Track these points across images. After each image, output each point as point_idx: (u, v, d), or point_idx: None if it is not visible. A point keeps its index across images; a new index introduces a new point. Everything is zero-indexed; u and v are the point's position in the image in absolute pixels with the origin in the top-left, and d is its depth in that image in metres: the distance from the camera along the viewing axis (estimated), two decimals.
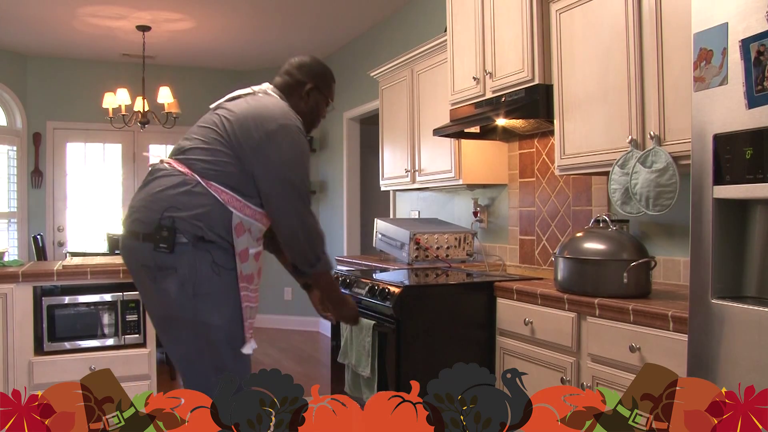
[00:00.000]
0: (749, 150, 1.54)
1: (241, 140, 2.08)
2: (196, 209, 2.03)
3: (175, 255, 2.01)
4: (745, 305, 1.57)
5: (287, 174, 2.08)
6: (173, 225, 2.01)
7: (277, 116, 2.12)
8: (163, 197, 2.07)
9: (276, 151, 2.08)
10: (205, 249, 2.02)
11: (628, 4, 2.41)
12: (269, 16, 5.42)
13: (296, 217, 2.11)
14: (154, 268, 2.03)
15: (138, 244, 2.06)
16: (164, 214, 2.03)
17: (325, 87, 2.34)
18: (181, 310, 2.03)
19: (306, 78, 2.30)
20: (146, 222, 2.05)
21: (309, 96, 2.29)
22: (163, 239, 2.01)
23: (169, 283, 2.02)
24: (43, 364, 2.94)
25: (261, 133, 2.08)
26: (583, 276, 2.34)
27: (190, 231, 2.02)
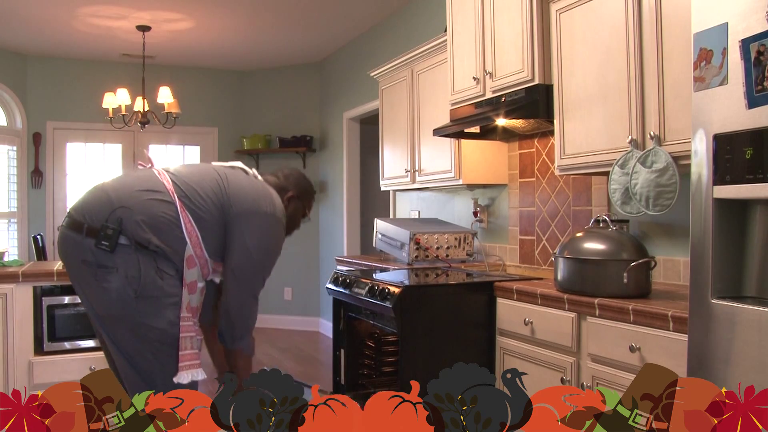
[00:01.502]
0: (749, 150, 1.54)
1: (233, 202, 2.13)
2: (154, 217, 2.03)
3: (116, 255, 1.99)
4: (745, 305, 1.57)
5: (260, 257, 2.17)
6: (120, 225, 1.99)
7: (273, 204, 2.22)
8: (123, 193, 2.06)
9: (260, 229, 2.15)
10: (149, 254, 2.01)
11: (628, 4, 2.42)
12: (269, 16, 5.42)
13: (246, 297, 2.18)
14: (94, 264, 2.00)
15: (79, 237, 2.02)
16: (116, 211, 2.01)
17: (305, 199, 2.46)
18: (122, 309, 2.00)
19: (290, 186, 2.41)
20: (97, 214, 2.02)
21: (289, 202, 2.39)
22: (106, 237, 1.98)
23: (111, 282, 1.99)
24: (43, 364, 2.94)
25: (254, 206, 2.15)
26: (583, 276, 2.34)
27: (136, 236, 2.00)
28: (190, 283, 2.08)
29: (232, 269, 2.15)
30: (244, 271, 2.16)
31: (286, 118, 7.12)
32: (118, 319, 2.02)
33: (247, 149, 7.05)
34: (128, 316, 2.01)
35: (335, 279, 3.27)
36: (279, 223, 2.22)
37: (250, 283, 2.18)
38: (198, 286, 2.12)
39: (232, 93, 7.30)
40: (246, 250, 2.14)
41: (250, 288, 2.19)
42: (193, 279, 2.09)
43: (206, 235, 2.11)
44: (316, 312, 6.96)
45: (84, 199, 2.10)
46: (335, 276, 3.29)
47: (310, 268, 6.98)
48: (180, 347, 2.05)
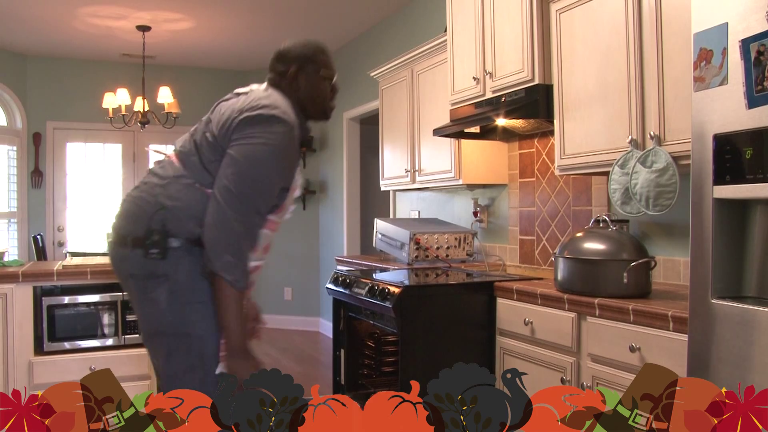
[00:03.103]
0: (749, 150, 1.54)
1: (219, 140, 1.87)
2: (190, 205, 1.84)
3: (167, 261, 1.81)
4: (745, 305, 1.57)
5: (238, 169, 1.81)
6: (164, 227, 1.82)
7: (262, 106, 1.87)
8: (156, 195, 1.87)
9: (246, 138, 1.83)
10: (196, 253, 1.82)
11: (628, 4, 2.41)
12: (269, 16, 5.42)
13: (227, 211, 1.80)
14: (144, 277, 1.83)
15: (127, 251, 1.85)
16: (155, 215, 1.84)
17: (312, 62, 2.02)
18: (170, 321, 1.83)
19: (287, 65, 2.01)
20: (137, 224, 1.85)
21: (297, 80, 2.00)
22: (153, 244, 1.81)
23: (159, 293, 1.82)
24: (43, 364, 2.94)
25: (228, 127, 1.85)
26: (583, 276, 2.34)
27: (184, 231, 1.82)
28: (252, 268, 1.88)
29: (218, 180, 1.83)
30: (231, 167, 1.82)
31: None
32: (167, 335, 1.84)
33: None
34: (181, 328, 1.82)
35: (335, 279, 3.27)
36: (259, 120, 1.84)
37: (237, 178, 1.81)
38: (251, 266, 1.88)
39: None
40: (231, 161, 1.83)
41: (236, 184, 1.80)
42: None
43: None
44: (316, 312, 6.96)
45: (121, 212, 1.94)
46: (335, 276, 3.29)
47: (310, 268, 6.98)
48: None
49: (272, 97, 1.92)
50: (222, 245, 1.79)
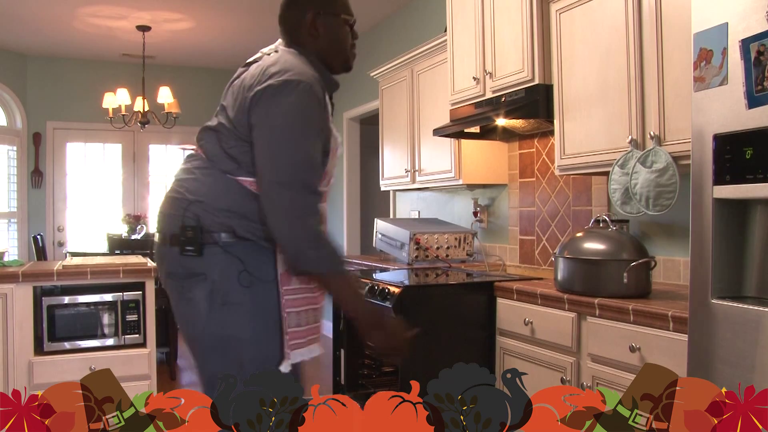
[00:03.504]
0: (749, 150, 1.54)
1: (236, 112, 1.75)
2: (223, 201, 1.72)
3: (204, 258, 1.70)
4: (745, 305, 1.57)
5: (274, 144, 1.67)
6: (198, 222, 1.70)
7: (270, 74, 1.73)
8: (187, 189, 1.77)
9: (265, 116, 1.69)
10: (236, 252, 1.70)
11: (628, 4, 2.41)
12: (269, 16, 5.41)
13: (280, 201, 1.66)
14: (182, 276, 1.74)
15: (165, 249, 1.76)
16: (188, 209, 1.73)
17: (329, 5, 1.85)
18: (206, 323, 1.72)
19: (303, 11, 1.84)
20: (172, 221, 1.75)
21: (316, 27, 1.83)
22: (188, 240, 1.70)
23: (196, 293, 1.71)
24: (43, 364, 2.94)
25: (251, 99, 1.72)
26: (583, 276, 2.34)
27: (219, 226, 1.70)
28: None
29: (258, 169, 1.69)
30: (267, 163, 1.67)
31: None
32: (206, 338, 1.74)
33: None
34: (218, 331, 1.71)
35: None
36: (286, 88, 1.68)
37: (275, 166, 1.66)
38: None
39: None
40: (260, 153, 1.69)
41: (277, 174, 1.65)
42: None
43: None
44: None
45: (159, 211, 1.85)
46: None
47: None
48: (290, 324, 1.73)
49: (281, 61, 1.76)
50: (296, 244, 1.66)
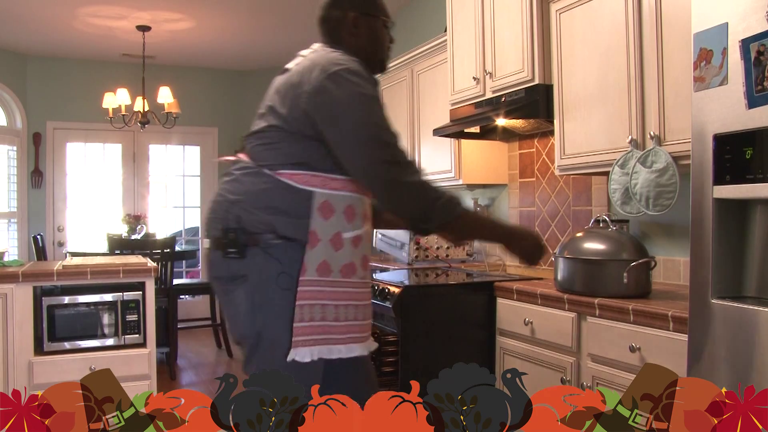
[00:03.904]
0: (749, 150, 1.54)
1: (293, 114, 1.75)
2: (263, 200, 1.74)
3: (245, 260, 1.73)
4: (745, 305, 1.57)
5: (349, 125, 1.69)
6: (240, 224, 1.73)
7: (321, 69, 1.75)
8: (228, 192, 1.80)
9: (322, 110, 1.71)
10: (276, 253, 1.72)
11: (628, 4, 2.41)
12: (269, 16, 5.42)
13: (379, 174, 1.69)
14: (226, 278, 1.77)
15: (212, 253, 1.80)
16: (229, 211, 1.76)
17: (370, 7, 1.91)
18: (247, 324, 1.74)
19: (344, 11, 1.90)
20: (215, 225, 1.79)
21: (358, 27, 1.89)
22: (230, 242, 1.72)
23: (238, 294, 1.74)
24: (43, 364, 2.94)
25: (305, 99, 1.73)
26: (583, 276, 2.34)
27: (260, 226, 1.73)
28: (333, 238, 1.73)
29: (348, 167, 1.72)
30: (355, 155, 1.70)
31: None
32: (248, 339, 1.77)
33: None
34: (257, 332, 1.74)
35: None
36: (339, 77, 1.72)
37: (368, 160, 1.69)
38: (344, 237, 1.74)
39: (232, 93, 7.30)
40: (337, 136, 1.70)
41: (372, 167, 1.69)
42: (335, 231, 1.73)
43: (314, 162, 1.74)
44: None
45: (205, 218, 1.90)
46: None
47: None
48: (294, 318, 1.71)
49: (328, 56, 1.80)
50: (423, 205, 1.70)
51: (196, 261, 7.26)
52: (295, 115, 1.75)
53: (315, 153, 1.74)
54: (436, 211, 1.71)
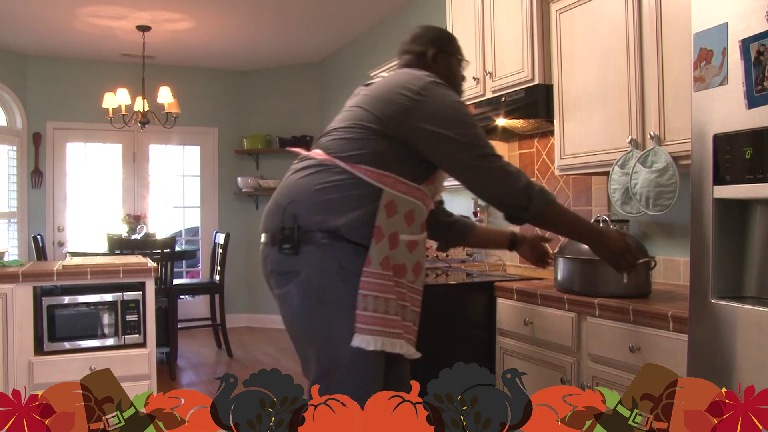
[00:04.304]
0: (749, 150, 1.54)
1: (387, 111, 1.84)
2: (324, 199, 1.80)
3: (300, 257, 1.78)
4: (745, 305, 1.57)
5: (450, 125, 1.82)
6: (296, 221, 1.79)
7: (416, 78, 1.89)
8: (288, 188, 1.87)
9: (425, 110, 1.83)
10: (333, 250, 1.78)
11: (628, 4, 2.41)
12: (269, 16, 5.42)
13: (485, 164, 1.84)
14: (280, 274, 1.83)
15: (267, 248, 1.87)
16: (287, 208, 1.82)
17: (448, 46, 2.09)
18: (305, 320, 1.80)
19: (425, 46, 2.05)
20: (272, 222, 1.86)
21: (437, 62, 2.04)
22: (285, 239, 1.79)
23: (292, 289, 1.80)
24: (43, 364, 2.94)
25: (405, 98, 1.84)
26: (583, 276, 2.34)
27: (317, 225, 1.78)
28: (391, 234, 1.79)
29: (446, 166, 1.89)
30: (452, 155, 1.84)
31: (286, 118, 7.12)
32: (303, 334, 1.85)
33: (247, 149, 7.05)
34: (313, 328, 1.80)
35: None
36: (436, 87, 1.88)
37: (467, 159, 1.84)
38: (401, 239, 1.82)
39: (232, 93, 7.30)
40: (435, 134, 1.82)
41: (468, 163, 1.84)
42: (393, 230, 1.80)
43: (391, 165, 1.82)
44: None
45: (264, 211, 1.95)
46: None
47: None
48: (358, 306, 1.76)
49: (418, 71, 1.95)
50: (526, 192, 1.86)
51: (196, 261, 7.26)
52: (389, 113, 1.84)
53: (393, 154, 1.84)
54: (535, 196, 1.86)
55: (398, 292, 1.82)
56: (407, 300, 1.86)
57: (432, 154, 1.86)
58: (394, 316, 1.80)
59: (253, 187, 6.94)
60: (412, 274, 1.87)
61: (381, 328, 1.77)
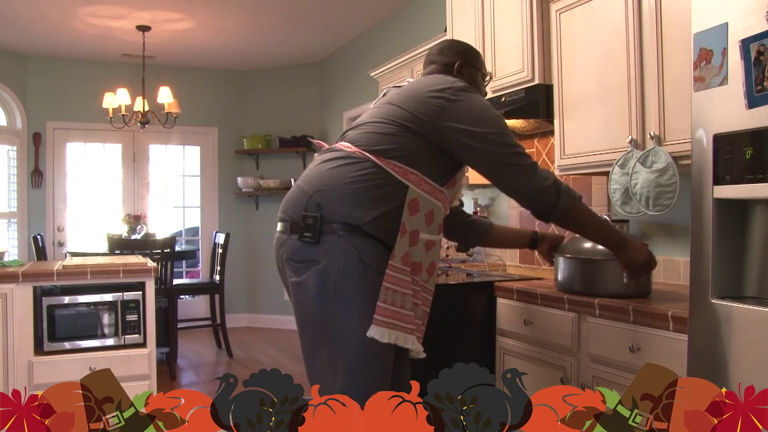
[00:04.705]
0: (749, 150, 1.54)
1: (421, 110, 1.88)
2: (349, 190, 1.81)
3: (320, 246, 1.79)
4: (745, 305, 1.57)
5: (481, 127, 1.87)
6: (320, 211, 1.80)
7: (450, 81, 1.97)
8: (314, 177, 1.88)
9: (460, 110, 1.88)
10: (353, 242, 1.79)
11: (628, 4, 2.41)
12: (269, 16, 5.42)
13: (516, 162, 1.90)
14: (297, 262, 1.84)
15: (285, 236, 1.88)
16: (311, 197, 1.83)
17: (474, 60, 2.17)
18: (320, 309, 1.81)
19: (453, 58, 2.13)
20: (294, 209, 1.87)
21: (461, 73, 2.11)
22: (307, 227, 1.80)
23: (309, 277, 1.80)
24: (43, 364, 2.94)
25: (440, 98, 1.89)
26: (583, 276, 2.34)
27: (340, 216, 1.80)
28: (412, 232, 1.83)
29: (477, 164, 1.93)
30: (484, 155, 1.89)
31: (286, 118, 7.12)
32: (315, 324, 1.83)
33: (247, 149, 7.05)
34: (326, 318, 1.80)
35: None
36: (466, 90, 1.94)
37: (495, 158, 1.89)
38: (420, 237, 1.85)
39: (232, 93, 7.30)
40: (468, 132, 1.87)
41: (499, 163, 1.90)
42: (415, 228, 1.84)
43: (419, 163, 1.86)
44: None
45: (285, 198, 1.96)
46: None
47: None
48: (379, 297, 1.78)
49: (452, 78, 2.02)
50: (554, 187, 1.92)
51: (196, 261, 7.26)
52: (423, 111, 1.88)
53: (422, 152, 1.88)
54: (562, 194, 1.93)
55: (413, 289, 1.85)
56: (420, 298, 1.89)
57: (462, 152, 1.91)
58: (409, 311, 1.83)
59: (253, 187, 6.94)
60: (427, 273, 1.91)
61: (396, 321, 1.80)
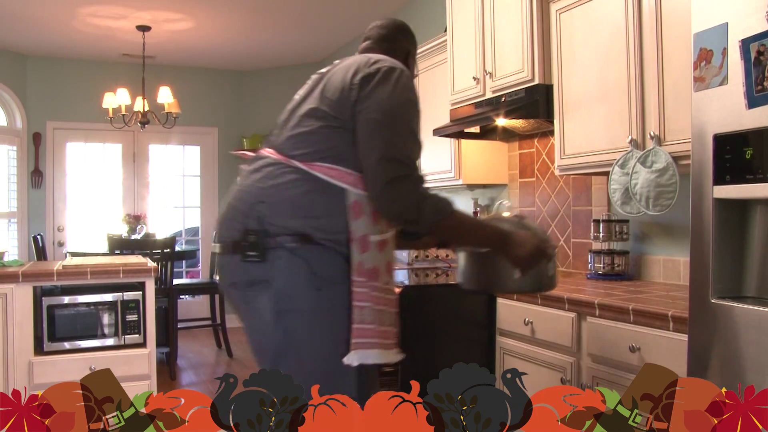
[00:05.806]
0: (749, 150, 1.54)
1: (338, 95, 1.70)
2: (290, 199, 1.65)
3: (268, 264, 1.63)
4: (745, 305, 1.57)
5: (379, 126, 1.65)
6: (262, 226, 1.64)
7: (379, 60, 1.75)
8: (248, 192, 1.71)
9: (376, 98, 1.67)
10: (303, 255, 1.63)
11: (628, 4, 2.41)
12: (269, 16, 5.42)
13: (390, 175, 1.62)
14: (244, 284, 1.67)
15: (227, 258, 1.70)
16: (250, 212, 1.66)
17: (414, 51, 2.03)
18: (273, 333, 1.64)
19: (407, 44, 1.99)
20: (232, 227, 1.69)
21: (407, 63, 1.93)
22: (250, 245, 1.63)
23: (262, 300, 1.64)
24: (43, 364, 2.94)
25: (359, 78, 1.69)
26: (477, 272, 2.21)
27: (285, 229, 1.63)
28: (360, 238, 1.66)
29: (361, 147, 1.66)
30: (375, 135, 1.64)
31: None
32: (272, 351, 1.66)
33: (247, 149, 7.05)
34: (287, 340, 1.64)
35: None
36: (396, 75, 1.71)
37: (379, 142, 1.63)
38: (371, 240, 1.67)
39: (232, 93, 7.30)
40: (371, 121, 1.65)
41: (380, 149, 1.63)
42: (362, 233, 1.66)
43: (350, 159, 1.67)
44: None
45: (218, 220, 1.80)
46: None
47: None
48: (353, 319, 1.64)
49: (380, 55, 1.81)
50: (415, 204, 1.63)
51: (196, 261, 7.26)
52: (343, 104, 1.69)
53: (351, 149, 1.67)
54: (426, 208, 1.65)
55: (373, 297, 1.69)
56: (383, 303, 1.72)
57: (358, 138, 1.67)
58: (389, 327, 1.72)
59: None
60: (386, 274, 1.73)
61: (377, 340, 1.68)
